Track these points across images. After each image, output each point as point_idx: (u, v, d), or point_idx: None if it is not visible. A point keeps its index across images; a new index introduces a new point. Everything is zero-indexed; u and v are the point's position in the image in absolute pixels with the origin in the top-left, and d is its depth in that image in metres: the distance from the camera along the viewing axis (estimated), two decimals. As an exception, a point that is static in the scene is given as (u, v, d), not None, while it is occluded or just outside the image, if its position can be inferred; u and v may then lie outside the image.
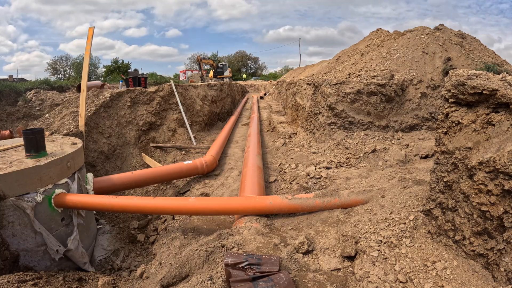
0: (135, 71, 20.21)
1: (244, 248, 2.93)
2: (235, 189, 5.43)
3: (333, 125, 6.96)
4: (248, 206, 3.82)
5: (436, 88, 7.17)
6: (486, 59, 8.13)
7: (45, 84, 15.43)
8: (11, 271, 3.19)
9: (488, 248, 2.16)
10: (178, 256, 3.14)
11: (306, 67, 34.43)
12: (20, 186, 3.37)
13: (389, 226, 2.95)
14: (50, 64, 49.17)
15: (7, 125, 11.20)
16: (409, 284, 2.31)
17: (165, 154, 8.68)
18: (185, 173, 6.10)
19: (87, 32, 7.14)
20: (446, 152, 2.56)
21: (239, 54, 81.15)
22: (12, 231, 3.34)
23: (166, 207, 3.91)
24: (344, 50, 13.99)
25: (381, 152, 5.91)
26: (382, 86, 6.80)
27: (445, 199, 2.56)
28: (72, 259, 3.83)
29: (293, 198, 3.87)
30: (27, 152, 3.81)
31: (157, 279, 2.87)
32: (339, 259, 2.87)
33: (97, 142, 7.54)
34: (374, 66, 7.88)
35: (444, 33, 8.98)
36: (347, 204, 3.78)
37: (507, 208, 2.00)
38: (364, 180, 4.83)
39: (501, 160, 2.00)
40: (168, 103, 9.95)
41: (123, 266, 4.26)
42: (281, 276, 2.27)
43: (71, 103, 8.45)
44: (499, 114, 2.23)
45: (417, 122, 7.00)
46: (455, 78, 2.50)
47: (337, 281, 2.58)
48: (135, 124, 8.93)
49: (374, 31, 12.07)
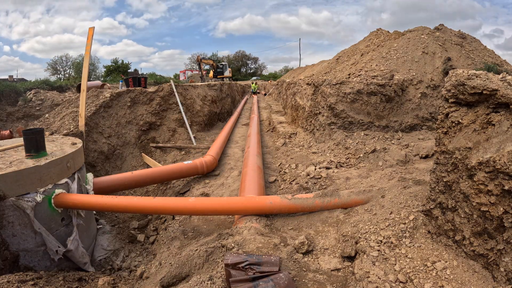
0: (135, 71, 20.23)
1: (244, 248, 2.93)
2: (235, 189, 5.43)
3: (333, 125, 6.96)
4: (248, 206, 3.82)
5: (436, 88, 7.17)
6: (486, 59, 8.13)
7: (45, 84, 15.45)
8: (11, 271, 3.19)
9: (488, 248, 2.16)
10: (178, 256, 3.14)
11: (306, 67, 34.43)
12: (20, 186, 3.37)
13: (389, 226, 2.95)
14: (50, 64, 49.13)
15: (7, 125, 11.20)
16: (409, 284, 2.31)
17: (165, 154, 8.68)
18: (185, 173, 6.09)
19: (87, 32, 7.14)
20: (446, 152, 2.56)
21: (239, 54, 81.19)
22: (12, 231, 3.34)
23: (166, 207, 3.91)
24: (344, 50, 14.00)
25: (381, 152, 5.91)
26: (382, 86, 6.80)
27: (445, 199, 2.56)
28: (72, 259, 3.83)
29: (293, 198, 3.87)
30: (27, 152, 3.81)
31: (157, 279, 2.87)
32: (339, 259, 2.87)
33: (97, 142, 7.54)
34: (374, 66, 7.88)
35: (444, 33, 8.98)
36: (347, 204, 3.78)
37: (507, 208, 2.00)
38: (364, 180, 4.83)
39: (501, 160, 2.00)
40: (168, 103, 9.95)
41: (123, 266, 4.26)
42: (281, 276, 2.27)
43: (71, 103, 8.45)
44: (499, 114, 2.23)
45: (417, 122, 7.00)
46: (455, 78, 2.50)
47: (337, 281, 2.58)
48: (135, 124, 8.93)
49: (374, 31, 12.08)
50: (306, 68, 33.76)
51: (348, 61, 10.94)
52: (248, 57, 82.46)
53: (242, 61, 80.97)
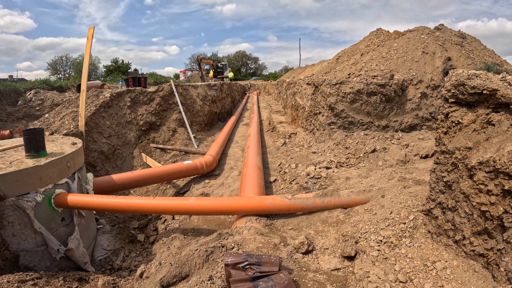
0: (135, 71, 20.25)
1: (244, 248, 2.93)
2: (235, 189, 5.43)
3: (333, 125, 6.96)
4: (248, 206, 3.82)
5: (436, 88, 7.17)
6: (486, 59, 8.13)
7: (45, 84, 15.45)
8: (11, 271, 3.19)
9: (488, 248, 2.16)
10: (178, 256, 3.14)
11: (306, 67, 34.43)
12: (20, 186, 3.37)
13: (389, 226, 2.95)
14: (50, 64, 49.12)
15: (7, 125, 11.20)
16: (409, 284, 2.31)
17: (165, 154, 8.68)
18: (185, 173, 6.10)
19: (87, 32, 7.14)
20: (446, 152, 2.56)
21: (239, 54, 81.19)
22: (12, 231, 3.34)
23: (166, 207, 3.91)
24: (344, 50, 14.00)
25: (381, 152, 5.91)
26: (382, 86, 6.80)
27: (445, 199, 2.56)
28: (72, 259, 3.83)
29: (293, 198, 3.87)
30: (27, 152, 3.81)
31: (157, 279, 2.87)
32: (339, 259, 2.87)
33: (97, 142, 7.54)
34: (374, 66, 7.88)
35: (444, 33, 8.98)
36: (347, 204, 3.78)
37: (507, 208, 2.00)
38: (364, 180, 4.83)
39: (501, 160, 2.00)
40: (168, 103, 9.95)
41: (123, 266, 4.26)
42: (281, 276, 2.27)
43: (71, 103, 8.45)
44: (499, 114, 2.23)
45: (417, 122, 7.00)
46: (455, 78, 2.50)
47: (337, 281, 2.58)
48: (135, 124, 8.93)
49: (374, 31, 12.07)
50: (306, 68, 33.75)
51: (348, 61, 10.94)
52: (248, 57, 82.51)
53: (242, 61, 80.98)
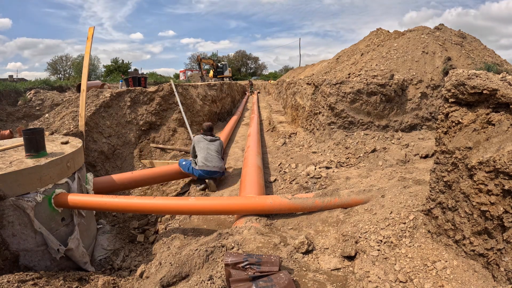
0: (135, 70, 20.26)
1: (244, 248, 2.93)
2: (235, 189, 5.43)
3: (333, 125, 6.96)
4: (248, 205, 3.82)
5: (436, 88, 7.17)
6: (486, 59, 8.13)
7: (45, 84, 15.43)
8: (11, 271, 3.19)
9: (488, 248, 2.16)
10: (178, 256, 3.14)
11: (306, 67, 34.40)
12: (20, 186, 3.37)
13: (389, 226, 2.95)
14: (50, 64, 49.12)
15: (7, 125, 11.20)
16: (409, 284, 2.31)
17: (165, 154, 8.68)
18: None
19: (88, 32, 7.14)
20: (446, 152, 2.56)
21: (239, 54, 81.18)
22: (12, 231, 3.34)
23: (166, 207, 3.91)
24: (344, 50, 14.00)
25: (381, 151, 5.91)
26: (382, 86, 6.79)
27: (445, 199, 2.56)
28: (72, 259, 3.83)
29: (293, 198, 3.86)
30: (27, 152, 3.81)
31: (157, 278, 2.87)
32: (339, 259, 2.87)
33: (97, 142, 7.54)
34: (374, 66, 7.88)
35: (444, 32, 8.98)
36: (347, 204, 3.78)
37: (507, 208, 2.00)
38: (364, 179, 4.83)
39: (501, 160, 2.00)
40: (168, 103, 9.95)
41: (123, 266, 4.26)
42: (281, 276, 2.27)
43: (71, 103, 8.45)
44: (499, 114, 2.23)
45: (417, 122, 7.00)
46: (455, 78, 2.50)
47: (337, 281, 2.58)
48: (135, 124, 8.93)
49: (374, 31, 12.08)
50: (306, 67, 33.73)
51: (348, 61, 10.94)
52: (248, 56, 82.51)
53: (242, 60, 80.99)
